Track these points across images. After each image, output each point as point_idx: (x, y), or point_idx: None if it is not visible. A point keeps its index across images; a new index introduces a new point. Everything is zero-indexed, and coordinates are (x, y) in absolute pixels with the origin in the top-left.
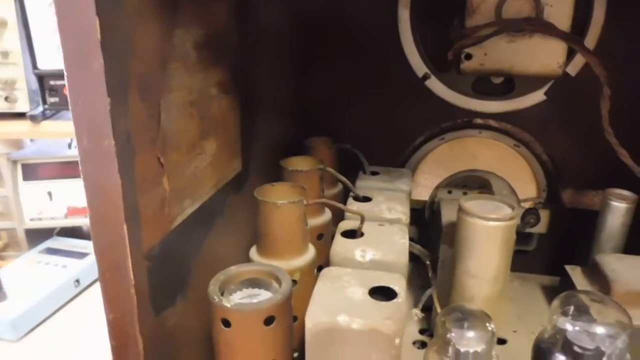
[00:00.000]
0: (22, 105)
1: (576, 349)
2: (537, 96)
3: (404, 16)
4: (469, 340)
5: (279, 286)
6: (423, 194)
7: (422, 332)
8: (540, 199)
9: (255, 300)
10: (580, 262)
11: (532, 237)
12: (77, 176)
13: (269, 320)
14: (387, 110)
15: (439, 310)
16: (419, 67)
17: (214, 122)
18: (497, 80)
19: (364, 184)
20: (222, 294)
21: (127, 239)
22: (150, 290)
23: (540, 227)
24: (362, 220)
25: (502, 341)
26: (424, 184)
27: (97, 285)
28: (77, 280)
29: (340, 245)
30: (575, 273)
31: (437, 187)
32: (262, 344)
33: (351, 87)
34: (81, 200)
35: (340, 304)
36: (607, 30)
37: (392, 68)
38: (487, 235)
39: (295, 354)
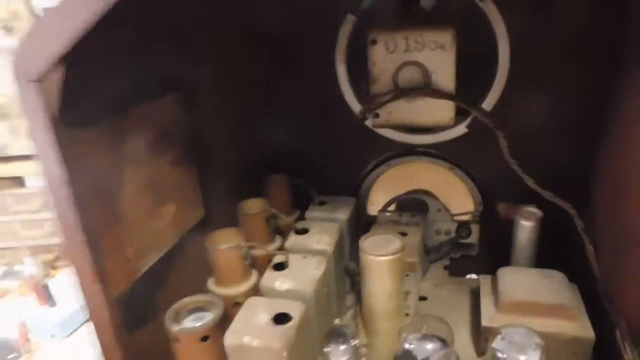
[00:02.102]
0: None
1: None
2: (459, 129)
3: (341, 70)
4: (339, 353)
5: None
6: (377, 210)
7: None
8: (474, 213)
9: (200, 321)
10: None
11: (473, 245)
12: None
13: (204, 338)
14: (337, 147)
15: (360, 322)
16: (358, 110)
17: (170, 190)
18: None
19: (311, 214)
20: (176, 319)
21: (100, 290)
22: (122, 319)
23: (473, 239)
24: (287, 256)
25: None
26: (378, 201)
27: None
28: None
29: (266, 278)
30: (485, 282)
31: (383, 208)
32: (200, 356)
33: (303, 131)
34: None
35: (248, 327)
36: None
37: (337, 112)
38: (376, 267)
39: None
